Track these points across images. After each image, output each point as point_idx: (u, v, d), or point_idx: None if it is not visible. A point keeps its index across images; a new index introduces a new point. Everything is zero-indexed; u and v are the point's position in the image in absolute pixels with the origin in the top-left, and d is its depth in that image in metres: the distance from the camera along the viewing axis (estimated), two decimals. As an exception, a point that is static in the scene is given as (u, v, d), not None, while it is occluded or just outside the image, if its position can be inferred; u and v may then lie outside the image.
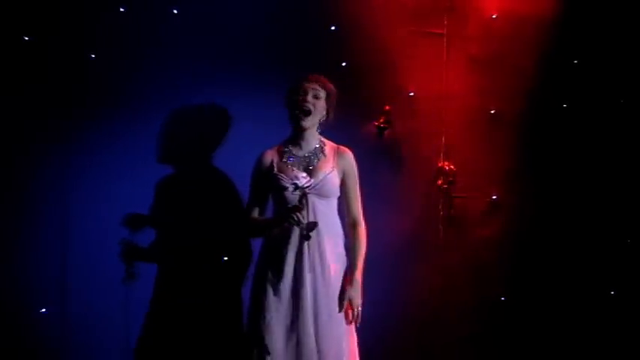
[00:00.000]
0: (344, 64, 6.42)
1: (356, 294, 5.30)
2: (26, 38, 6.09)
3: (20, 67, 6.07)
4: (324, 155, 5.35)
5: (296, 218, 5.10)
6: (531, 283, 6.58)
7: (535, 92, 6.58)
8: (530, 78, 6.58)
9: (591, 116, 6.64)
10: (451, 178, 6.52)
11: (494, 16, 6.58)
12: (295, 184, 5.17)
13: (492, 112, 6.58)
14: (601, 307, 6.63)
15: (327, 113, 5.40)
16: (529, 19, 6.58)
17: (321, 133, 5.45)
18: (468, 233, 6.57)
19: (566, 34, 6.60)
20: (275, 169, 5.33)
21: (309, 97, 5.31)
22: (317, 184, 5.26)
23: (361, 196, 6.38)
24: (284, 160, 5.33)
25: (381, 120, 6.49)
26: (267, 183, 5.34)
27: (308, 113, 5.30)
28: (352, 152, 5.47)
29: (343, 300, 5.27)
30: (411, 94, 6.51)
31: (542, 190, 6.62)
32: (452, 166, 6.53)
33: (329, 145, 5.41)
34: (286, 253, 5.22)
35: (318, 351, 5.18)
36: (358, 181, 5.45)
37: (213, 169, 6.04)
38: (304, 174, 5.21)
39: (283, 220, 5.18)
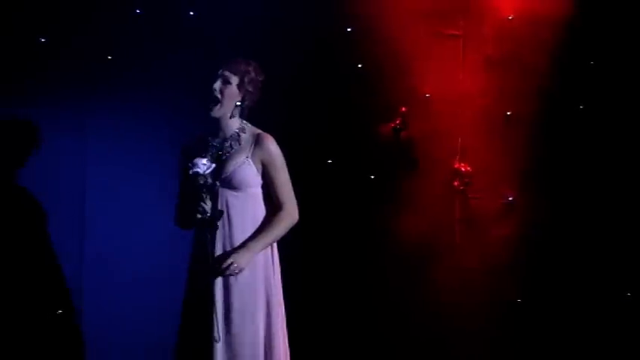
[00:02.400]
0: (360, 65, 6.43)
1: (238, 256, 4.82)
2: (42, 40, 6.11)
3: (37, 68, 6.09)
4: (239, 144, 4.93)
5: (200, 208, 4.79)
6: (547, 285, 6.55)
7: (551, 93, 6.55)
8: (546, 79, 6.54)
9: (607, 117, 6.60)
10: (467, 180, 6.52)
11: (510, 17, 6.55)
12: (196, 172, 4.78)
13: (509, 113, 6.56)
14: (617, 308, 6.61)
15: (243, 98, 4.98)
16: (545, 20, 6.54)
17: (246, 119, 5.05)
18: (484, 234, 6.54)
19: (583, 34, 6.56)
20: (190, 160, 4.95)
21: (218, 85, 4.90)
22: (226, 176, 4.88)
23: (377, 197, 6.47)
24: (199, 150, 4.95)
25: (397, 121, 6.49)
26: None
27: (215, 101, 4.91)
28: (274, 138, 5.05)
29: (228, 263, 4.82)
30: (427, 95, 6.50)
31: (559, 191, 6.58)
32: (468, 168, 6.52)
33: (249, 133, 4.98)
34: (198, 248, 4.89)
35: (232, 355, 4.81)
36: (284, 167, 5.00)
37: None
38: (204, 160, 4.80)
39: (193, 211, 4.82)
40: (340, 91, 6.45)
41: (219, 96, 4.89)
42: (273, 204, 4.96)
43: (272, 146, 4.96)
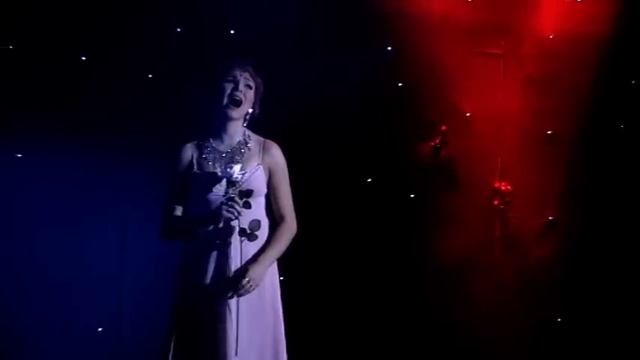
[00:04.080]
0: (400, 84, 6.43)
1: (254, 272, 4.58)
2: (83, 58, 6.14)
3: (77, 85, 6.11)
4: (249, 150, 4.73)
5: (235, 212, 4.55)
6: (587, 304, 6.54)
7: (592, 113, 6.55)
8: (586, 98, 6.55)
9: (648, 137, 6.62)
10: (507, 199, 6.51)
11: (550, 37, 6.56)
12: (230, 175, 4.54)
13: (549, 132, 6.56)
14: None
15: (254, 105, 4.78)
16: (586, 39, 6.55)
17: (247, 127, 4.82)
18: (523, 254, 6.54)
19: (623, 54, 6.56)
20: (195, 166, 4.73)
21: (242, 87, 4.70)
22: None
23: (417, 216, 6.46)
24: (204, 156, 4.72)
25: (437, 140, 6.49)
26: (187, 181, 4.75)
27: (239, 104, 4.70)
28: (280, 146, 4.81)
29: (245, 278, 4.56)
30: (468, 114, 6.51)
31: (599, 210, 6.58)
32: (508, 187, 6.52)
33: (254, 139, 4.77)
34: (209, 256, 4.64)
35: None
36: (287, 177, 4.79)
37: None
38: (239, 165, 4.58)
39: (217, 215, 4.57)
40: (381, 109, 6.44)
41: (243, 99, 4.70)
42: (273, 212, 4.79)
43: (280, 154, 4.78)
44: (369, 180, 6.47)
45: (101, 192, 6.14)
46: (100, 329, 6.17)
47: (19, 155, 6.06)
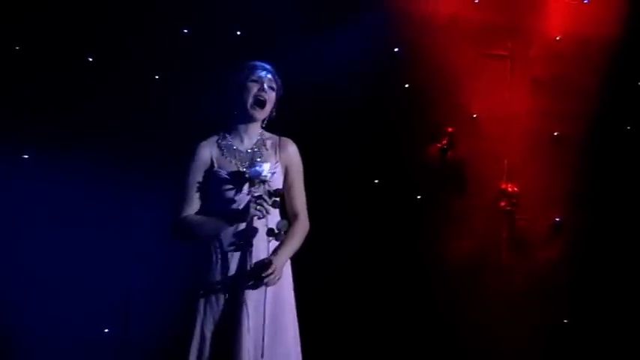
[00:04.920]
0: (407, 85, 6.43)
1: (277, 261, 4.56)
2: (90, 59, 6.14)
3: (84, 86, 6.11)
4: (266, 149, 4.74)
5: (264, 211, 4.53)
6: (594, 306, 6.54)
7: (599, 114, 6.56)
8: (593, 100, 6.55)
9: (655, 139, 6.62)
10: (514, 200, 6.51)
11: (557, 38, 6.56)
12: (259, 174, 4.54)
13: (556, 134, 6.57)
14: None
15: (273, 108, 4.77)
16: (593, 40, 6.56)
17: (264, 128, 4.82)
18: (530, 255, 6.55)
19: (630, 55, 6.57)
20: (215, 164, 4.70)
21: (266, 88, 4.70)
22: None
23: (423, 217, 6.45)
24: (224, 155, 4.72)
25: (444, 141, 6.49)
26: (205, 180, 4.71)
27: (263, 105, 4.70)
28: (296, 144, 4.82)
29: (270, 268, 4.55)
30: (474, 115, 6.51)
31: (606, 212, 6.58)
32: (515, 188, 6.52)
33: (269, 137, 4.79)
34: (232, 257, 4.61)
35: None
36: (302, 175, 4.80)
37: None
38: (267, 164, 4.59)
39: (244, 214, 4.55)
40: (388, 111, 6.44)
41: (267, 99, 4.70)
42: (287, 209, 4.78)
43: (296, 151, 4.80)
44: (376, 181, 6.47)
45: (108, 192, 6.12)
46: (106, 330, 6.16)
47: (26, 156, 6.07)
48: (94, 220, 6.10)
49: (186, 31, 6.25)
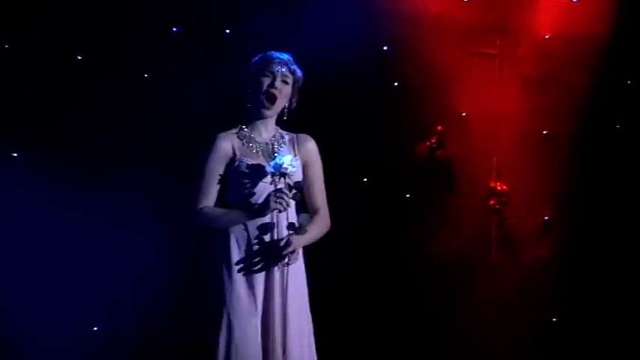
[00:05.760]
0: (396, 84, 6.44)
1: (297, 241, 4.56)
2: (79, 57, 6.15)
3: (73, 85, 6.12)
4: (285, 143, 4.71)
5: (285, 204, 4.47)
6: (583, 305, 6.55)
7: (588, 113, 6.55)
8: (583, 98, 6.55)
9: (644, 137, 6.62)
10: (503, 199, 6.52)
11: (547, 37, 6.56)
12: (280, 166, 4.47)
13: (545, 132, 6.57)
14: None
15: (291, 100, 4.74)
16: (582, 39, 6.55)
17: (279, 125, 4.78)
18: (519, 254, 6.55)
19: (619, 54, 6.56)
20: (237, 153, 4.63)
21: (278, 83, 4.65)
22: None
23: (413, 215, 6.46)
24: (245, 146, 4.66)
25: (433, 140, 6.50)
26: (226, 171, 4.64)
27: (274, 100, 4.65)
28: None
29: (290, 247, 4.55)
30: (464, 114, 6.51)
31: (595, 210, 6.58)
32: (504, 187, 6.52)
33: (285, 134, 4.75)
34: (257, 249, 4.58)
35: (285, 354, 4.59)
36: (322, 171, 4.78)
37: None
38: (290, 157, 4.54)
39: (265, 207, 4.50)
40: (377, 109, 6.45)
41: (278, 95, 4.65)
42: (307, 205, 4.73)
43: (315, 147, 4.78)
44: (365, 180, 6.48)
45: (97, 190, 6.12)
46: (95, 328, 6.17)
47: (15, 154, 6.08)
48: (83, 217, 6.11)
49: (175, 29, 6.26)
